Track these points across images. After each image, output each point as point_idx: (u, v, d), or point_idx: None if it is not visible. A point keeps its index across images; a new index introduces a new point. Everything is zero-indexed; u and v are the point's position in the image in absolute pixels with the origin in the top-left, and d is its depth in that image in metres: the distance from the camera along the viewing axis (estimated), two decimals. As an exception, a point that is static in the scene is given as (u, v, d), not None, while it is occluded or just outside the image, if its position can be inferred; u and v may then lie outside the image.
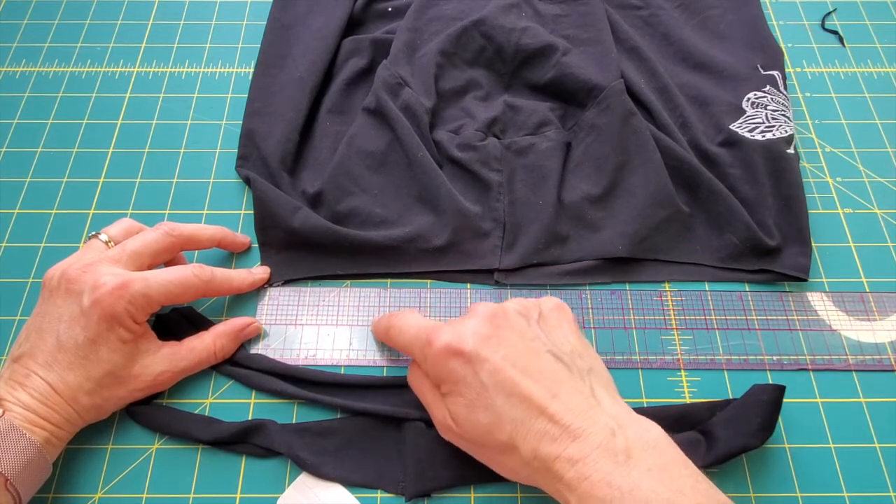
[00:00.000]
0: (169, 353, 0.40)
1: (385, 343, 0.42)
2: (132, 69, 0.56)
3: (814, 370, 0.42)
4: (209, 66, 0.56)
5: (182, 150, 0.52)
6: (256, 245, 0.47)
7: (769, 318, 0.44)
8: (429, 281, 0.46)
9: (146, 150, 0.52)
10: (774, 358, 0.43)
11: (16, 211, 0.49)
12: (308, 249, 0.46)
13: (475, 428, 0.33)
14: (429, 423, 0.39)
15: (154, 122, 0.53)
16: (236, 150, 0.50)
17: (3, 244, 0.47)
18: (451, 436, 0.35)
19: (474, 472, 0.38)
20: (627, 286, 0.46)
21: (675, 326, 0.44)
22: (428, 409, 0.37)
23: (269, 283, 0.45)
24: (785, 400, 0.38)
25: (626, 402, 0.34)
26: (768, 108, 0.50)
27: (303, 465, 0.38)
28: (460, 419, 0.34)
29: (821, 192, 0.50)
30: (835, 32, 0.59)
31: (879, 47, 0.58)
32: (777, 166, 0.47)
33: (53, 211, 0.49)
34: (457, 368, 0.33)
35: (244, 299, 0.45)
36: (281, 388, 0.41)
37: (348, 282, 0.46)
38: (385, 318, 0.40)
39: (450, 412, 0.34)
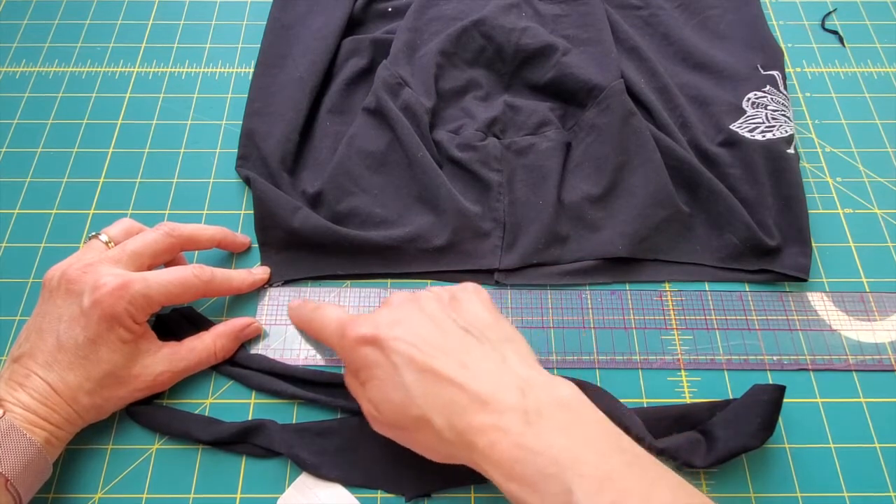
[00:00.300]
0: (169, 354, 0.40)
1: (300, 327, 0.43)
2: (132, 69, 0.56)
3: (814, 370, 0.42)
4: (209, 66, 0.56)
5: (182, 150, 0.52)
6: (256, 245, 0.47)
7: (769, 318, 0.44)
8: (429, 281, 0.46)
9: (146, 150, 0.52)
10: (774, 358, 0.43)
11: (16, 211, 0.49)
12: (308, 249, 0.46)
13: (390, 408, 0.33)
14: None
15: (154, 122, 0.53)
16: (236, 150, 0.50)
17: (3, 244, 0.47)
18: (377, 425, 0.36)
19: (474, 472, 0.38)
20: (627, 286, 0.46)
21: (675, 326, 0.44)
22: (360, 405, 0.37)
23: (269, 283, 0.45)
24: (785, 400, 0.38)
25: (626, 402, 0.34)
26: (768, 108, 0.50)
27: (303, 465, 0.38)
28: (377, 402, 0.34)
29: (821, 192, 0.50)
30: (835, 32, 0.59)
31: (879, 47, 0.58)
32: (777, 166, 0.47)
33: (53, 211, 0.49)
34: (368, 354, 0.34)
35: (244, 299, 0.45)
36: (281, 388, 0.41)
37: (348, 282, 0.46)
38: (307, 311, 0.41)
39: (369, 399, 0.35)
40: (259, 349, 0.43)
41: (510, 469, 0.29)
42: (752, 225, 0.45)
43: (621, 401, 0.39)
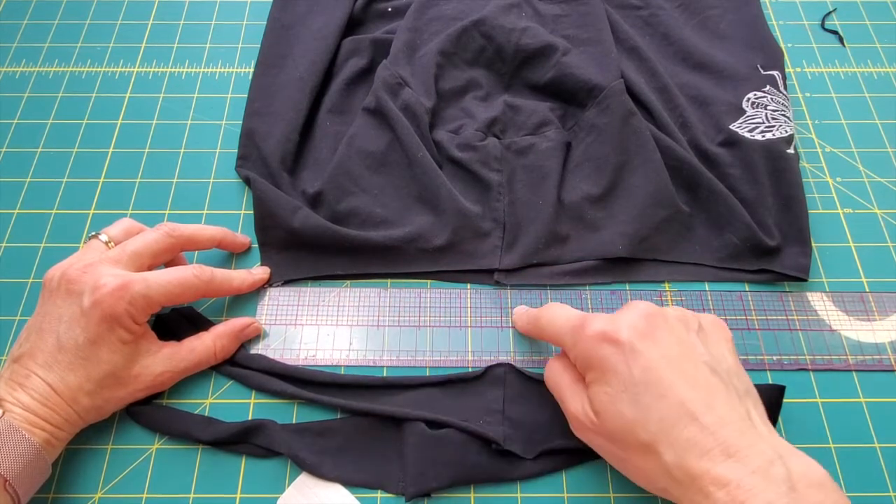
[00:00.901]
0: (169, 354, 0.40)
1: (529, 334, 0.41)
2: (132, 69, 0.56)
3: (814, 370, 0.42)
4: (209, 66, 0.56)
5: (182, 150, 0.52)
6: (256, 245, 0.47)
7: (769, 318, 0.44)
8: (429, 281, 0.46)
9: (146, 150, 0.52)
10: (774, 358, 0.43)
11: (16, 211, 0.49)
12: (308, 249, 0.46)
13: (617, 421, 0.31)
14: (429, 424, 0.39)
15: (154, 122, 0.53)
16: (236, 150, 0.50)
17: (3, 244, 0.47)
18: (584, 431, 0.34)
19: (474, 473, 0.38)
20: (627, 286, 0.46)
21: (675, 326, 0.44)
22: (563, 403, 0.35)
23: (269, 283, 0.45)
24: (785, 400, 0.38)
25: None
26: (768, 108, 0.50)
27: (303, 465, 0.38)
28: (603, 410, 0.32)
29: (821, 192, 0.50)
30: (835, 32, 0.59)
31: (879, 47, 0.58)
32: (777, 166, 0.47)
33: (53, 211, 0.49)
34: (609, 356, 0.32)
35: (244, 299, 0.45)
36: (281, 389, 0.41)
37: (348, 282, 0.46)
38: (532, 310, 0.40)
39: (592, 402, 0.33)
40: (259, 349, 0.43)
41: None
42: (752, 225, 0.45)
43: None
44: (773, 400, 0.38)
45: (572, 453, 0.39)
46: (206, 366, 0.41)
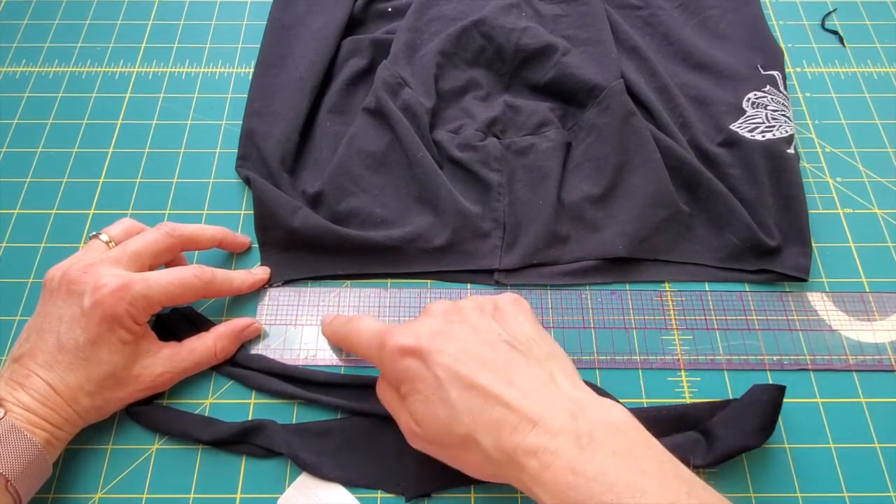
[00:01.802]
0: (169, 354, 0.40)
1: (338, 345, 0.42)
2: (132, 69, 0.56)
3: (814, 370, 0.42)
4: (209, 66, 0.56)
5: (182, 150, 0.52)
6: (256, 245, 0.47)
7: (769, 318, 0.44)
8: (429, 281, 0.46)
9: (146, 150, 0.52)
10: (774, 358, 0.43)
11: (16, 211, 0.49)
12: (308, 250, 0.46)
13: (434, 424, 0.32)
14: None
15: (154, 122, 0.53)
16: (236, 150, 0.50)
17: (3, 244, 0.47)
18: (417, 441, 0.35)
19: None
20: (627, 286, 0.46)
21: (675, 326, 0.44)
22: (396, 419, 0.36)
23: (270, 283, 0.45)
24: (785, 400, 0.38)
25: (626, 403, 0.34)
26: (768, 108, 0.50)
27: (303, 466, 0.38)
28: (420, 417, 0.33)
29: (821, 192, 0.50)
30: (835, 32, 0.59)
31: (879, 47, 0.58)
32: (777, 166, 0.47)
33: (53, 211, 0.49)
34: (411, 366, 0.33)
35: (244, 300, 0.45)
36: (281, 389, 0.41)
37: (348, 282, 0.46)
38: (340, 324, 0.40)
39: (410, 413, 0.34)
40: (259, 349, 0.43)
41: (563, 494, 0.28)
42: (752, 225, 0.45)
43: (621, 401, 0.39)
44: (773, 400, 0.38)
45: None
46: (207, 366, 0.41)
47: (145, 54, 0.57)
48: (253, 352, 0.43)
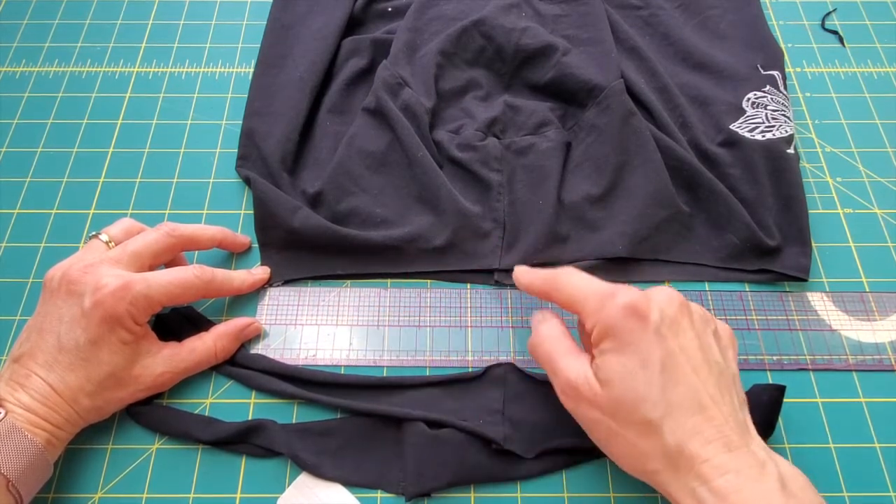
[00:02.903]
0: (169, 354, 0.40)
1: (534, 291, 0.39)
2: (132, 69, 0.56)
3: (814, 370, 0.42)
4: (209, 66, 0.56)
5: (182, 150, 0.52)
6: (256, 245, 0.47)
7: (769, 318, 0.44)
8: (429, 281, 0.46)
9: (146, 150, 0.52)
10: (774, 358, 0.43)
11: (16, 211, 0.49)
12: (308, 249, 0.46)
13: (627, 394, 0.31)
14: (429, 424, 0.39)
15: (154, 122, 0.53)
16: (236, 150, 0.50)
17: (3, 244, 0.47)
18: (578, 401, 0.34)
19: (474, 473, 0.38)
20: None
21: (675, 326, 0.44)
22: (556, 368, 0.35)
23: (270, 283, 0.45)
24: (785, 400, 0.38)
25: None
26: (768, 108, 0.50)
27: (303, 465, 0.38)
28: (613, 380, 0.32)
29: (821, 192, 0.50)
30: (835, 32, 0.59)
31: (879, 47, 0.58)
32: (777, 166, 0.47)
33: (53, 211, 0.49)
34: (635, 329, 0.32)
35: (244, 299, 0.45)
36: (281, 389, 0.41)
37: (348, 282, 0.46)
38: (545, 270, 0.38)
39: (601, 370, 0.32)
40: (259, 349, 0.43)
41: None
42: (752, 225, 0.45)
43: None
44: (773, 400, 0.38)
45: (572, 453, 0.39)
46: (207, 366, 0.41)
47: (145, 54, 0.57)
48: (253, 352, 0.43)
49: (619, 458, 0.33)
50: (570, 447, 0.38)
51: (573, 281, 0.36)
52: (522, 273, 0.40)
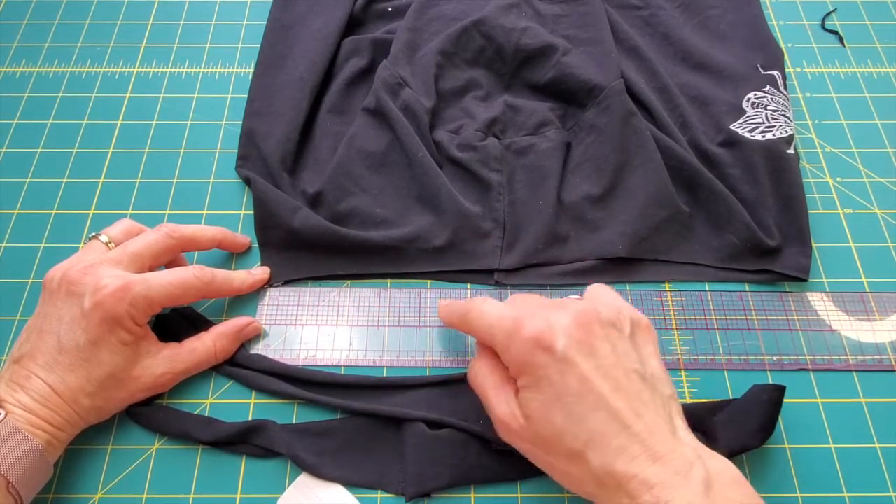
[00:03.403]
0: (169, 355, 0.40)
1: (454, 327, 0.40)
2: (132, 69, 0.56)
3: (814, 370, 0.42)
4: (209, 66, 0.56)
5: (182, 150, 0.52)
6: (256, 245, 0.47)
7: (769, 318, 0.44)
8: (429, 281, 0.46)
9: (146, 150, 0.52)
10: (774, 358, 0.43)
11: (16, 211, 0.49)
12: (308, 249, 0.46)
13: (547, 428, 0.32)
14: (429, 424, 0.39)
15: (154, 122, 0.53)
16: (236, 150, 0.50)
17: (3, 244, 0.47)
18: (510, 435, 0.34)
19: (474, 473, 0.38)
20: (627, 286, 0.46)
21: (675, 326, 0.44)
22: (489, 405, 0.35)
23: (270, 283, 0.45)
24: (785, 400, 0.38)
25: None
26: (768, 108, 0.50)
27: (303, 466, 0.38)
28: (533, 416, 0.32)
29: (821, 192, 0.50)
30: (835, 32, 0.59)
31: (879, 47, 0.58)
32: (777, 166, 0.47)
33: (53, 211, 0.49)
34: (543, 364, 0.32)
35: (244, 299, 0.45)
36: (281, 389, 0.41)
37: (348, 282, 0.46)
38: (459, 303, 0.38)
39: (522, 407, 0.33)
40: (259, 349, 0.43)
41: None
42: (752, 225, 0.45)
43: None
44: (773, 400, 0.38)
45: None
46: (207, 366, 0.41)
47: (145, 54, 0.57)
48: (253, 352, 0.43)
49: (560, 483, 0.34)
50: None
51: (483, 317, 0.36)
52: (441, 308, 0.41)
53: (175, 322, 0.43)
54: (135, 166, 0.51)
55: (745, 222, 0.45)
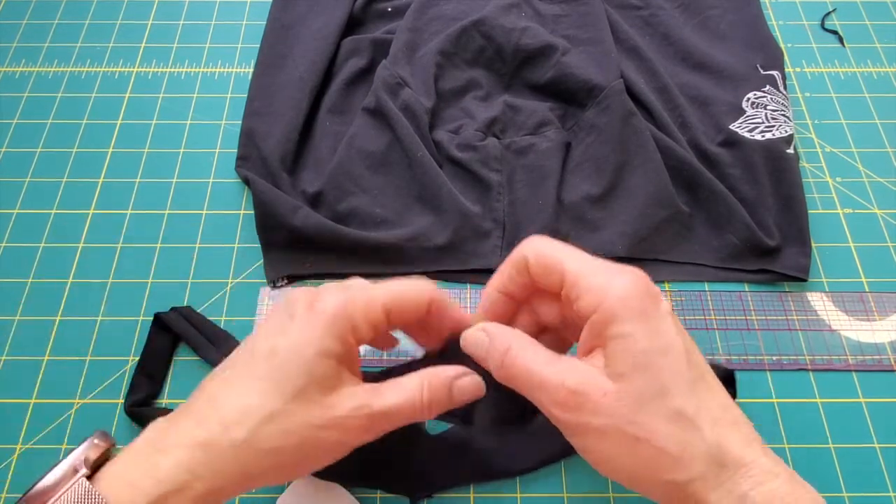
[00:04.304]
0: (369, 389, 0.30)
1: (527, 266, 0.31)
2: (132, 69, 0.56)
3: (814, 370, 0.42)
4: (209, 66, 0.56)
5: (182, 150, 0.52)
6: (258, 245, 0.47)
7: (769, 318, 0.44)
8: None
9: (146, 150, 0.52)
10: (774, 358, 0.43)
11: (16, 211, 0.49)
12: (309, 249, 0.46)
13: (650, 384, 0.26)
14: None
15: (154, 122, 0.53)
16: (236, 150, 0.50)
17: (3, 244, 0.47)
18: (580, 408, 0.27)
19: (474, 473, 0.38)
20: (627, 286, 0.46)
21: (674, 326, 0.44)
22: (542, 380, 0.27)
23: (272, 283, 0.45)
24: (784, 400, 0.38)
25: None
26: (768, 108, 0.50)
27: (303, 466, 0.38)
28: (625, 372, 0.26)
29: (821, 192, 0.50)
30: (835, 32, 0.59)
31: (879, 47, 0.58)
32: (777, 166, 0.47)
33: (53, 211, 0.49)
34: (650, 311, 0.27)
35: (244, 299, 0.45)
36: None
37: (348, 282, 0.46)
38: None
39: (612, 360, 0.27)
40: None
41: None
42: (751, 225, 0.45)
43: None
44: (723, 378, 0.35)
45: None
46: (409, 421, 0.30)
47: (145, 54, 0.57)
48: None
49: (633, 473, 0.27)
50: None
51: (564, 253, 0.29)
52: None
53: (174, 322, 0.43)
54: (134, 166, 0.51)
55: (744, 222, 0.45)
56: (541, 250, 0.30)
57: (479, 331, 0.30)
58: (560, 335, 0.33)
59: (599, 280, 0.27)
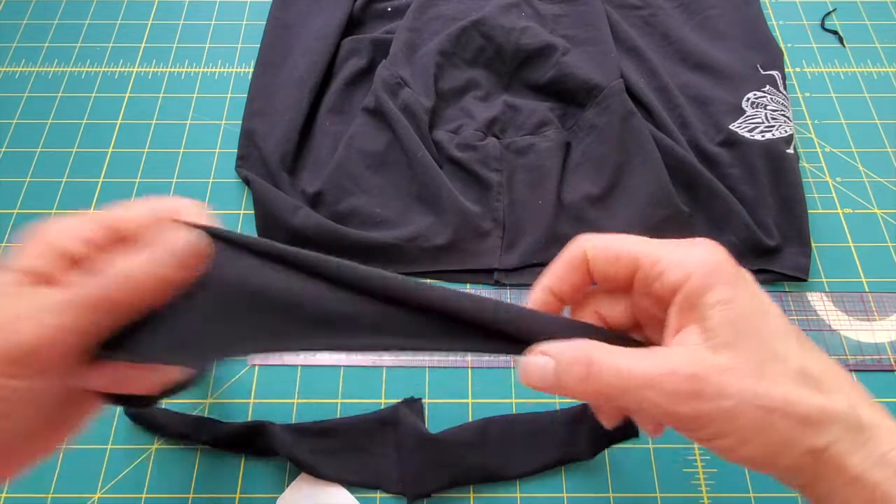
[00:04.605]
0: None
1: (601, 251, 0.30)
2: (132, 69, 0.56)
3: (813, 370, 0.42)
4: (209, 66, 0.56)
5: (182, 150, 0.52)
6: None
7: (769, 318, 0.44)
8: (429, 280, 0.46)
9: (146, 150, 0.52)
10: (774, 358, 0.43)
11: (16, 211, 0.49)
12: (309, 249, 0.46)
13: (762, 347, 0.24)
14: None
15: (154, 122, 0.53)
16: (236, 150, 0.50)
17: (4, 244, 0.47)
18: (699, 394, 0.23)
19: (474, 473, 0.38)
20: (627, 286, 0.46)
21: (674, 326, 0.44)
22: (646, 375, 0.23)
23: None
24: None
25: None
26: (768, 108, 0.50)
27: (302, 466, 0.38)
28: (733, 341, 0.24)
29: (821, 192, 0.50)
30: (835, 32, 0.59)
31: (879, 47, 0.58)
32: (777, 166, 0.47)
33: (53, 211, 0.49)
34: (740, 276, 0.25)
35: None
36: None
37: (348, 282, 0.46)
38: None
39: (715, 333, 0.24)
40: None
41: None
42: (751, 225, 0.45)
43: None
44: None
45: (566, 447, 0.39)
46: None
47: (145, 54, 0.57)
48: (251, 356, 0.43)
49: (769, 451, 0.24)
50: None
51: (628, 238, 0.28)
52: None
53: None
54: (134, 166, 0.51)
55: (744, 222, 0.45)
56: (601, 240, 0.29)
57: (538, 356, 0.25)
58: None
59: (681, 253, 0.26)
